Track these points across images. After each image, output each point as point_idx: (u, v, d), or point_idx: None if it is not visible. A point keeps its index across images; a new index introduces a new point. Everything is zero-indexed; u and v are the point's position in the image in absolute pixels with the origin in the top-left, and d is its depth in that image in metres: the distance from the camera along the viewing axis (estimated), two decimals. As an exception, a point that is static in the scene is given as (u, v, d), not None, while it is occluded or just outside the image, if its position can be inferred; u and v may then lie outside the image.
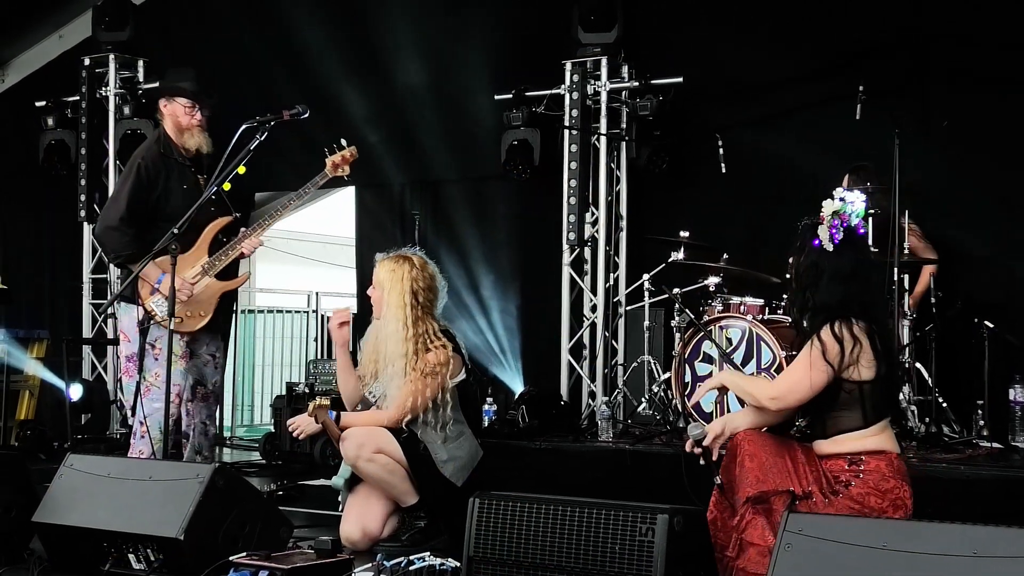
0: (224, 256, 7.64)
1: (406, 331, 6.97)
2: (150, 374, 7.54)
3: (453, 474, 6.95)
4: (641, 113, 10.41)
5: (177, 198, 7.58)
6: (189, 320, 7.57)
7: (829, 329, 5.33)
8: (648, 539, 4.88)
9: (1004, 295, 9.32)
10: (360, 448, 6.84)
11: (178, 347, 7.51)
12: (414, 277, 7.05)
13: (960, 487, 7.13)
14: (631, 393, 9.95)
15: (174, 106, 7.85)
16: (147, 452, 7.42)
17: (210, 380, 7.90)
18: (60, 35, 13.37)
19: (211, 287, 7.63)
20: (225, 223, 7.73)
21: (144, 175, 7.63)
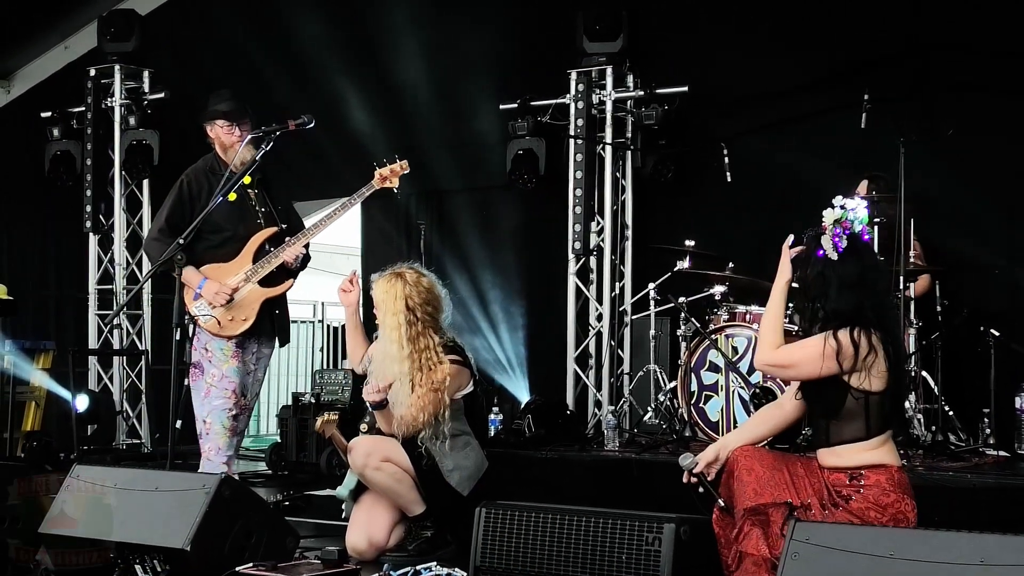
0: (267, 263, 7.76)
1: (402, 350, 6.98)
2: (208, 375, 7.72)
3: (459, 483, 6.95)
4: (646, 122, 10.41)
5: (221, 210, 7.64)
6: (231, 324, 7.74)
7: (848, 333, 5.33)
8: (655, 548, 4.88)
9: (1010, 303, 9.32)
10: (367, 457, 6.84)
11: (228, 348, 7.75)
12: (408, 294, 7.07)
13: (967, 495, 7.11)
14: (637, 402, 9.94)
15: (215, 129, 8.00)
16: (214, 448, 7.68)
17: (250, 391, 8.00)
18: (66, 46, 13.39)
19: (253, 293, 7.76)
20: (271, 234, 7.85)
21: (186, 189, 7.84)
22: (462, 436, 7.09)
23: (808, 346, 5.42)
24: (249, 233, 7.80)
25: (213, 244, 7.77)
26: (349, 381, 10.96)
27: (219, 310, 7.66)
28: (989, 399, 8.52)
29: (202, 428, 7.75)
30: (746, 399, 8.55)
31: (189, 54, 12.80)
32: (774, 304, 5.61)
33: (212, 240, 7.76)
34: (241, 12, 12.54)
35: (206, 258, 7.76)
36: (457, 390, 7.05)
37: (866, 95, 8.71)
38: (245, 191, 7.85)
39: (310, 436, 10.42)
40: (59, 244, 13.44)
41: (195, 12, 12.85)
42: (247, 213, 7.85)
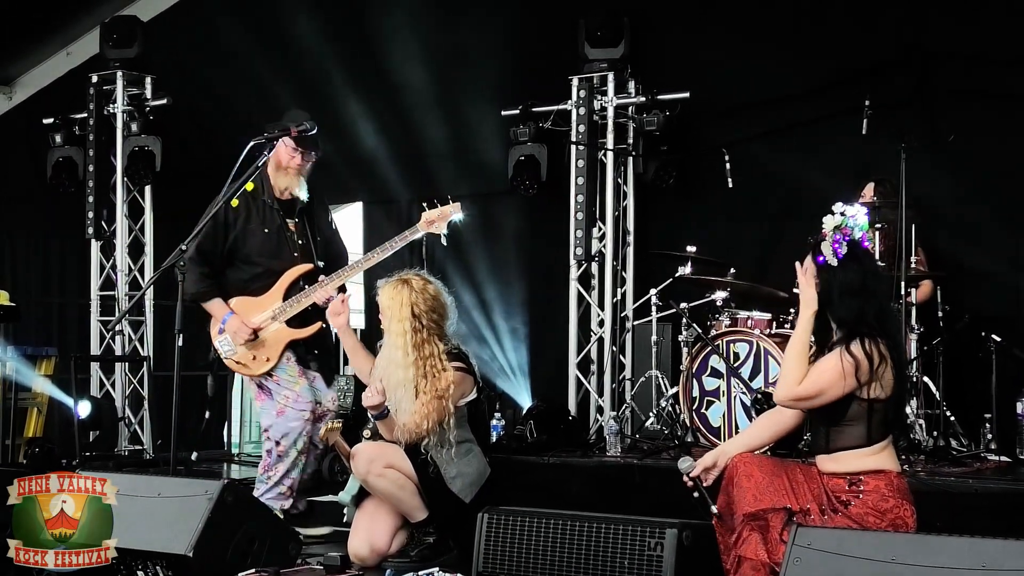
0: (296, 303, 7.66)
1: (407, 356, 6.97)
2: (280, 396, 7.69)
3: (461, 490, 6.96)
4: (648, 128, 10.41)
5: (256, 239, 7.66)
6: (254, 364, 7.69)
7: (860, 345, 5.33)
8: (657, 554, 4.89)
9: (1011, 309, 9.33)
10: (370, 463, 6.84)
11: (292, 368, 7.70)
12: (414, 300, 7.04)
13: (968, 500, 7.11)
14: (639, 408, 9.93)
15: (279, 146, 7.80)
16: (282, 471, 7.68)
17: (326, 397, 7.98)
18: (68, 52, 13.39)
19: (279, 333, 7.69)
20: (305, 271, 7.76)
21: (222, 216, 7.67)
22: (465, 443, 7.09)
23: (827, 370, 5.37)
24: (283, 268, 7.70)
25: (245, 276, 7.71)
26: (351, 387, 10.95)
27: (242, 347, 7.62)
28: (990, 404, 8.51)
29: (273, 449, 7.69)
30: (748, 404, 8.56)
31: (191, 60, 12.80)
32: (799, 337, 5.53)
33: (244, 272, 7.69)
34: (243, 18, 12.54)
35: (236, 289, 7.73)
36: (461, 397, 7.05)
37: (867, 101, 8.73)
38: (284, 222, 7.79)
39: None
40: (61, 250, 13.44)
41: (197, 18, 12.85)
42: (283, 246, 7.76)
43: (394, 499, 6.93)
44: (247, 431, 13.73)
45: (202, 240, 7.53)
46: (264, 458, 7.79)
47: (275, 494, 7.64)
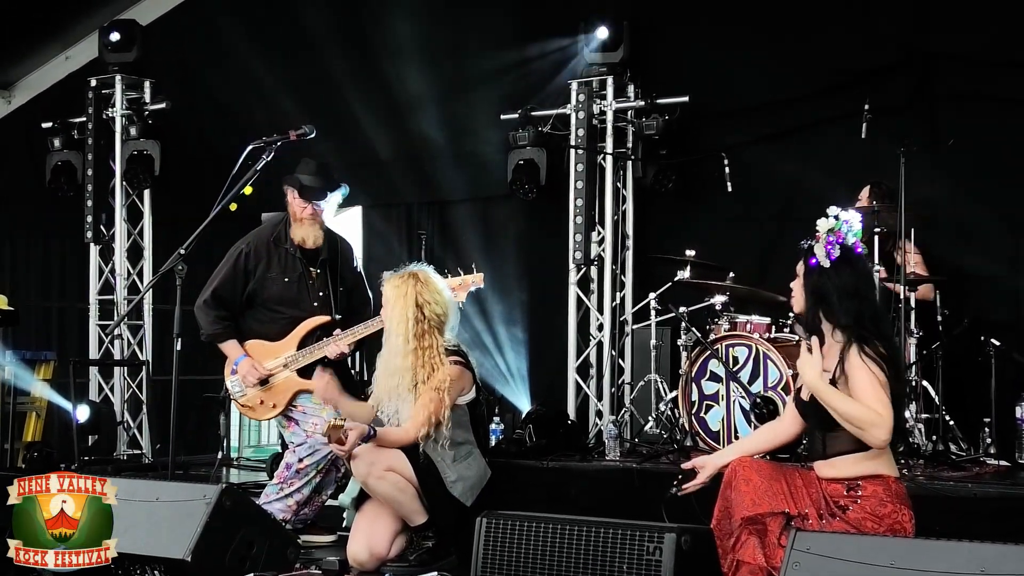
0: (308, 354, 7.68)
1: (407, 344, 6.93)
2: (308, 425, 7.71)
3: (462, 494, 6.95)
4: (647, 132, 10.41)
5: (276, 287, 7.69)
6: (261, 408, 7.76)
7: (873, 350, 5.32)
8: (656, 558, 4.88)
9: (1011, 313, 9.33)
10: (371, 466, 6.82)
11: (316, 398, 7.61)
12: (418, 291, 7.00)
13: (967, 505, 7.10)
14: (638, 412, 9.93)
15: (290, 194, 7.90)
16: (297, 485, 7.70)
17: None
18: (67, 56, 13.39)
19: (289, 381, 7.71)
20: (322, 322, 7.78)
21: (242, 264, 7.75)
22: (465, 445, 7.08)
23: (873, 387, 5.28)
24: (301, 316, 7.73)
25: (263, 320, 7.74)
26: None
27: (252, 391, 7.66)
28: (990, 409, 8.52)
29: (294, 464, 7.69)
30: (747, 409, 8.55)
31: (190, 64, 12.80)
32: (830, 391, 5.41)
33: (263, 316, 7.74)
34: (242, 22, 12.53)
35: (253, 332, 7.76)
36: (460, 394, 7.02)
37: (866, 105, 8.72)
38: (306, 270, 7.80)
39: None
40: (60, 254, 13.44)
41: (196, 22, 12.85)
42: (303, 295, 7.78)
43: (394, 502, 6.91)
44: (245, 435, 13.74)
45: (220, 285, 7.67)
46: (282, 470, 7.78)
47: (282, 506, 7.64)
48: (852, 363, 5.31)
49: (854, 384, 5.31)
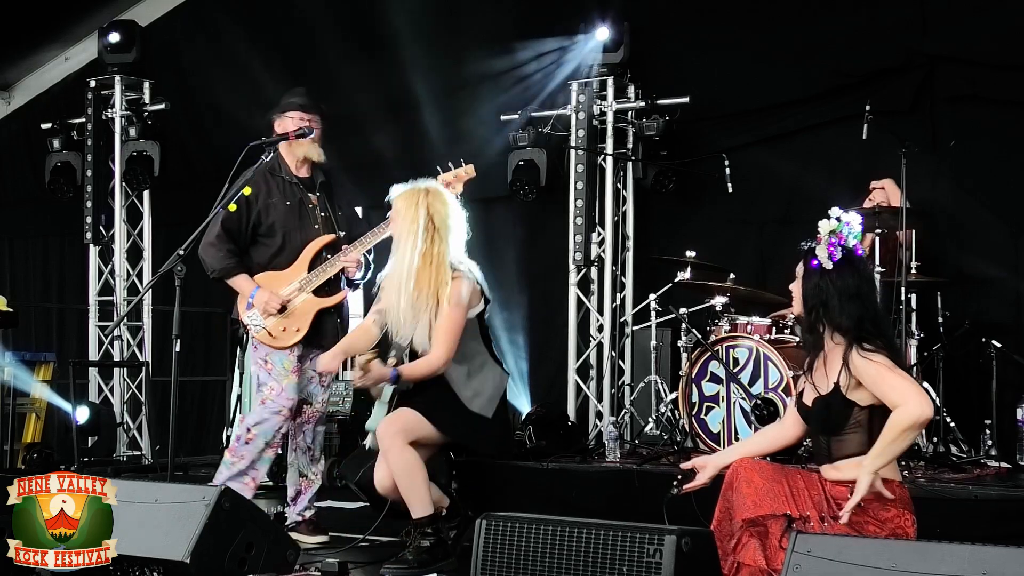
0: (322, 272, 7.63)
1: (415, 248, 6.89)
2: (265, 387, 7.65)
3: (482, 408, 6.94)
4: (647, 133, 10.42)
5: (279, 212, 7.62)
6: (284, 335, 7.61)
7: (867, 348, 5.31)
8: (656, 560, 4.86)
9: (1012, 315, 9.33)
10: (394, 437, 6.78)
11: (289, 362, 7.63)
12: (429, 201, 6.99)
13: (968, 507, 7.10)
14: (638, 413, 9.93)
15: (285, 121, 7.85)
16: (248, 459, 7.60)
17: (317, 399, 7.89)
18: (66, 57, 13.41)
19: (308, 303, 7.63)
20: (328, 241, 7.72)
21: (243, 202, 7.63)
22: (478, 357, 7.06)
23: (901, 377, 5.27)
24: (306, 240, 7.66)
25: (269, 252, 7.65)
26: (350, 392, 10.95)
27: (271, 320, 7.54)
28: (991, 410, 8.52)
29: (243, 435, 7.63)
30: (747, 410, 8.54)
31: (190, 65, 12.81)
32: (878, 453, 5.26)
33: (268, 247, 7.64)
34: (242, 22, 12.55)
35: (260, 267, 7.68)
36: (469, 308, 6.99)
37: (868, 106, 8.71)
38: (305, 195, 7.76)
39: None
40: (60, 255, 13.46)
41: (196, 23, 12.87)
42: (305, 219, 7.71)
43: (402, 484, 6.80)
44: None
45: (227, 217, 7.52)
46: (232, 442, 7.74)
47: (239, 484, 7.55)
48: (856, 365, 5.29)
49: (867, 383, 5.29)
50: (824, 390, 5.42)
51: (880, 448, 5.19)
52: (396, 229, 7.04)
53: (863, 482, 5.15)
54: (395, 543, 7.51)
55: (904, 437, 5.16)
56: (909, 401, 5.15)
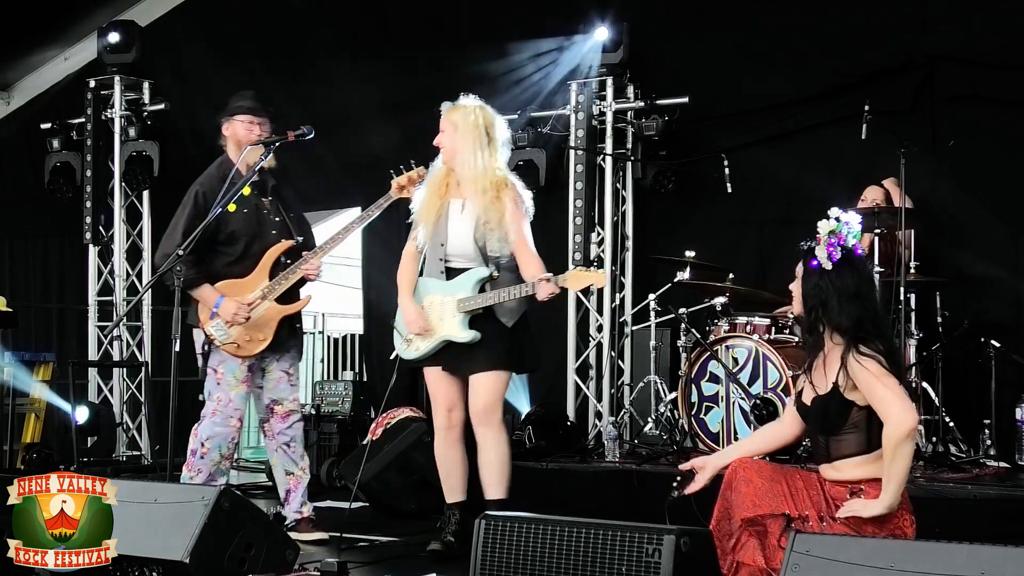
0: (284, 280, 7.60)
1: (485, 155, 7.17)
2: (213, 398, 7.60)
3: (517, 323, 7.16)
4: (647, 133, 10.42)
5: (237, 218, 7.57)
6: (249, 344, 7.57)
7: (864, 352, 5.31)
8: (655, 560, 4.86)
9: (1011, 314, 9.32)
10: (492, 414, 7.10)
11: (240, 372, 7.59)
12: (485, 114, 7.25)
13: (967, 506, 7.11)
14: (637, 413, 9.94)
15: (234, 126, 7.83)
16: (205, 473, 7.53)
17: (288, 396, 7.84)
18: (66, 57, 13.40)
19: (271, 311, 7.59)
20: (287, 247, 7.68)
21: (201, 202, 7.60)
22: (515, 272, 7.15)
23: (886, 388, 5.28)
24: (265, 247, 7.62)
25: (228, 259, 7.60)
26: (350, 392, 10.96)
27: (236, 329, 7.51)
28: (990, 410, 8.53)
29: (198, 449, 7.58)
30: (747, 410, 8.55)
31: (189, 65, 12.80)
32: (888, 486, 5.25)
33: (227, 254, 7.58)
34: (242, 23, 12.55)
35: (220, 275, 7.62)
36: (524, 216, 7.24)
37: (867, 106, 8.71)
38: (260, 200, 7.72)
39: (310, 447, 10.41)
40: (59, 255, 13.45)
41: (195, 23, 12.86)
42: (263, 225, 7.67)
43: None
44: (245, 436, 13.73)
45: (188, 227, 7.48)
46: (188, 457, 7.69)
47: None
48: (852, 368, 5.30)
49: (860, 388, 5.30)
50: (823, 390, 5.43)
51: (887, 477, 5.19)
52: (453, 139, 7.20)
53: (875, 512, 5.18)
54: (395, 543, 7.53)
55: (900, 454, 5.17)
56: (890, 416, 5.19)
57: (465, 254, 7.08)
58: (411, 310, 7.11)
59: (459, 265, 7.09)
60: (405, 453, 8.67)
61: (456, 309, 7.00)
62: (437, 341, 7.06)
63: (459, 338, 6.99)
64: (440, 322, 7.06)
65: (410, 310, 7.12)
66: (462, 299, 6.99)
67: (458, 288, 7.04)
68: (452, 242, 7.09)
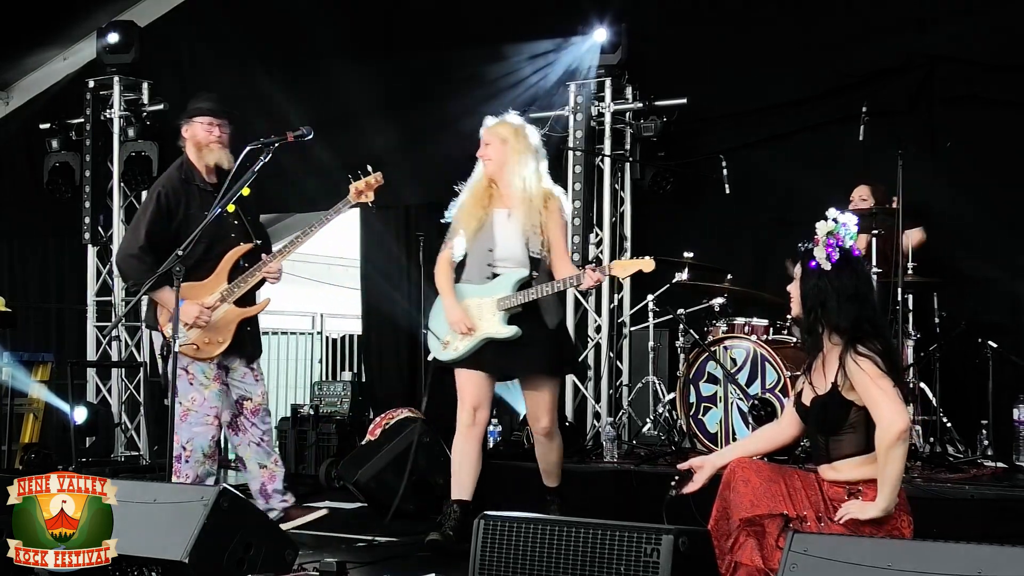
0: (243, 283, 7.63)
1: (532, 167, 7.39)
2: (186, 399, 7.62)
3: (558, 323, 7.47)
4: (645, 134, 10.43)
5: (197, 224, 7.50)
6: (207, 347, 7.60)
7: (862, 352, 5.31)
8: (653, 560, 4.87)
9: (1008, 315, 9.32)
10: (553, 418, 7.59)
11: (210, 370, 7.64)
12: (532, 131, 7.56)
13: (965, 507, 7.12)
14: (636, 414, 9.95)
15: (193, 127, 7.86)
16: (192, 476, 7.56)
17: (256, 392, 7.89)
18: (65, 57, 13.39)
19: (230, 314, 7.63)
20: (245, 250, 7.71)
21: (164, 203, 7.63)
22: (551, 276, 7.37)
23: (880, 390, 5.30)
24: (224, 249, 7.66)
25: (189, 263, 7.63)
26: (348, 393, 10.96)
27: (195, 332, 7.53)
28: (987, 411, 8.54)
29: (181, 453, 7.61)
30: (745, 411, 8.56)
31: (188, 65, 12.80)
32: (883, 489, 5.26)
33: (189, 257, 7.62)
34: (240, 23, 12.54)
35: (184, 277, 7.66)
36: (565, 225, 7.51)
37: (864, 107, 8.72)
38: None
39: (309, 448, 10.42)
40: (58, 256, 13.44)
41: (194, 23, 12.85)
42: (222, 228, 7.67)
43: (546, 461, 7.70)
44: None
45: (150, 229, 7.57)
46: (174, 463, 7.68)
47: None
48: (850, 368, 5.31)
49: (857, 388, 5.31)
50: (822, 391, 5.44)
51: (882, 480, 5.20)
52: (502, 153, 7.42)
53: (872, 515, 5.19)
54: (393, 543, 7.54)
55: (892, 457, 5.18)
56: (881, 419, 5.22)
57: (513, 259, 7.31)
58: (456, 310, 7.28)
59: (506, 270, 7.32)
60: (404, 453, 8.67)
61: (496, 307, 7.21)
62: (477, 340, 7.24)
63: (501, 334, 7.19)
64: (479, 321, 7.25)
65: (455, 310, 7.29)
66: (501, 298, 7.20)
67: (496, 289, 7.26)
68: (500, 249, 7.32)
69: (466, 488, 7.29)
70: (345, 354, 14.64)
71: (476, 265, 7.37)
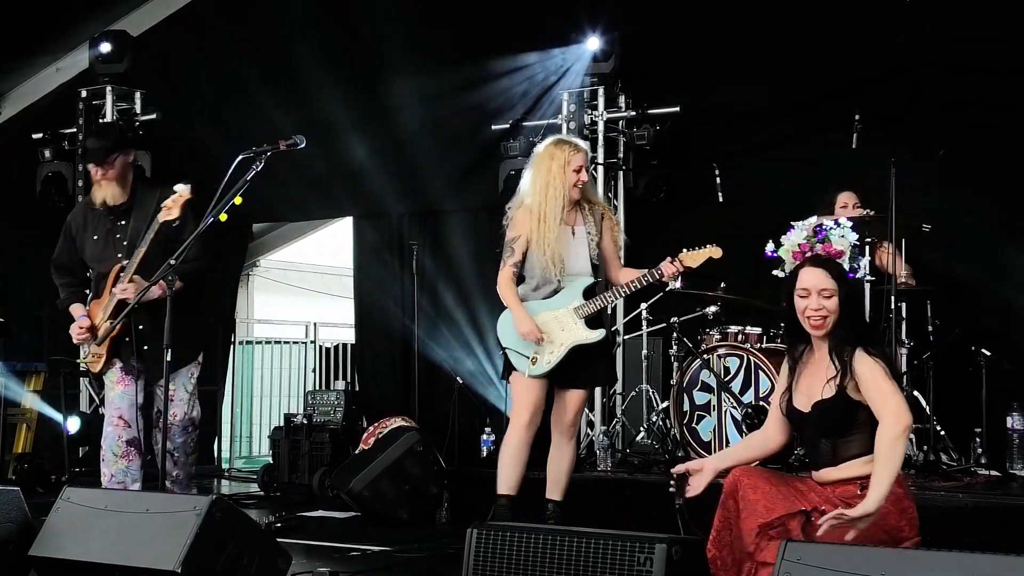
0: (110, 302, 7.65)
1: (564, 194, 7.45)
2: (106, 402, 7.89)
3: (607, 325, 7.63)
4: (638, 142, 10.44)
5: (90, 247, 7.76)
6: (93, 362, 7.85)
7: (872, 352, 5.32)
8: (647, 569, 4.86)
9: (1001, 323, 9.32)
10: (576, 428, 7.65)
11: (114, 374, 7.77)
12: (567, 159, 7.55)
13: (958, 515, 7.12)
14: (630, 422, 9.95)
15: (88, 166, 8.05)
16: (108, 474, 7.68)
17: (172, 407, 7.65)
18: (57, 67, 13.39)
19: (105, 329, 7.68)
20: (117, 270, 7.64)
21: (67, 231, 7.90)
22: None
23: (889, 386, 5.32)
24: (109, 268, 7.69)
25: (94, 280, 7.82)
26: (342, 402, 10.94)
27: (92, 346, 7.78)
28: (981, 418, 8.54)
29: (102, 454, 7.77)
30: (738, 419, 8.57)
31: (181, 75, 12.81)
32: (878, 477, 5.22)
33: (88, 276, 7.88)
34: (233, 33, 12.55)
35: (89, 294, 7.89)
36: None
37: (857, 115, 8.73)
38: (113, 225, 7.73)
39: (302, 457, 10.41)
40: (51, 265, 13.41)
41: (187, 33, 12.86)
42: (108, 249, 7.72)
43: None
44: (236, 446, 13.74)
45: (56, 255, 7.93)
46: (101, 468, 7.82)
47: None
48: (860, 363, 5.31)
49: (862, 383, 5.31)
50: (818, 395, 5.43)
51: (880, 473, 5.19)
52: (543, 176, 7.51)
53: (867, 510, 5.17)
54: (385, 552, 7.53)
55: (895, 449, 5.18)
56: (889, 411, 5.22)
57: (583, 272, 7.42)
58: (528, 321, 7.29)
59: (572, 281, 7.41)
60: (397, 462, 8.67)
61: (576, 315, 7.30)
62: (567, 349, 7.28)
63: (591, 338, 7.30)
64: (563, 332, 7.30)
65: (527, 321, 7.29)
66: (578, 306, 7.31)
67: (565, 300, 7.36)
68: (571, 264, 7.39)
69: (517, 484, 7.41)
70: (338, 363, 14.65)
71: (547, 280, 7.40)
